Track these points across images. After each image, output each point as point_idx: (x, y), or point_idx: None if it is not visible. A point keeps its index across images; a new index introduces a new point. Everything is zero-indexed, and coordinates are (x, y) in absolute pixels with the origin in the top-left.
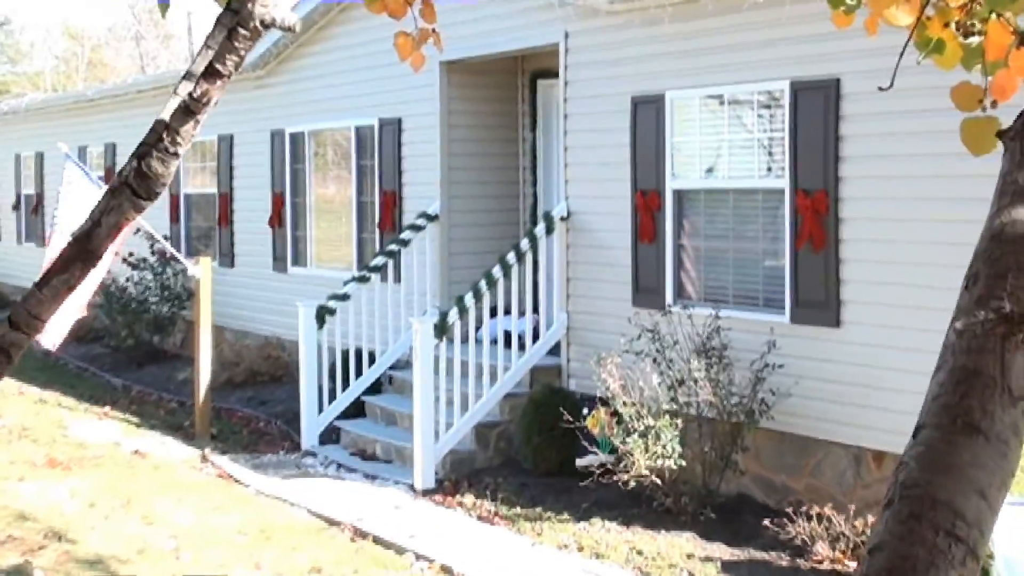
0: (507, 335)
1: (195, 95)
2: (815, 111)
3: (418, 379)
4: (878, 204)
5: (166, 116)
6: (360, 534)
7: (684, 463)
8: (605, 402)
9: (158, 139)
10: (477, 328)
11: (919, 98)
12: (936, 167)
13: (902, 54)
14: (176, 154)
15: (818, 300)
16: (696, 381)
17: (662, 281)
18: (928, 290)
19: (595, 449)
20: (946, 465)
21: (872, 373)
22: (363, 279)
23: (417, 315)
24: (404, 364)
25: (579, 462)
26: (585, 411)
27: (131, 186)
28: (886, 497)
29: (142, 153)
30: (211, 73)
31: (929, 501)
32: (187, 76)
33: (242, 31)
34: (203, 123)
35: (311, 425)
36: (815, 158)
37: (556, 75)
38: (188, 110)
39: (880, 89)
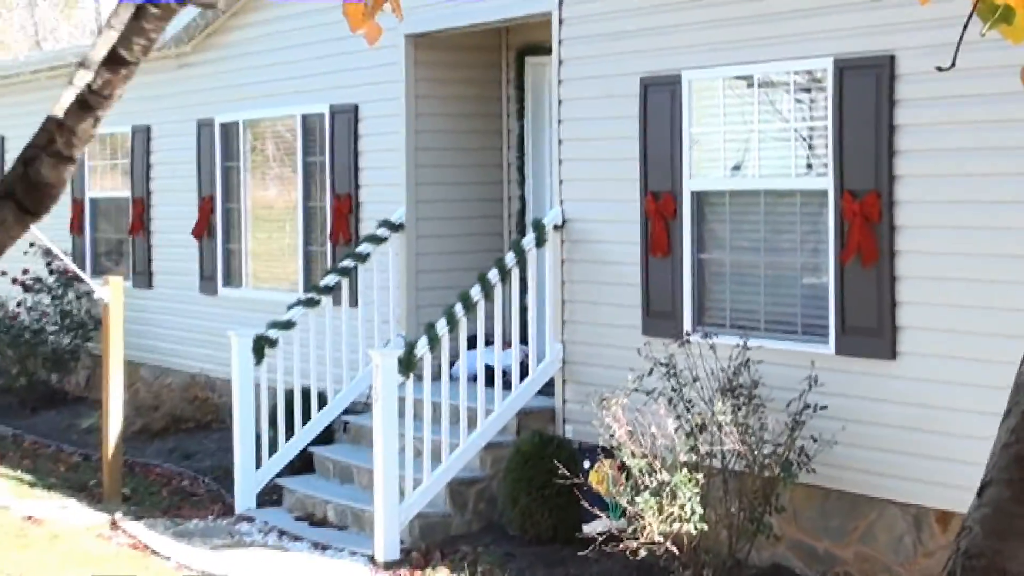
0: (489, 371)
1: (94, 87)
2: (865, 95)
3: (380, 425)
4: (943, 209)
5: (59, 112)
6: None
7: (706, 527)
8: (610, 453)
9: (49, 140)
10: (452, 363)
11: (992, 79)
12: (1016, 164)
13: (966, 25)
14: (71, 158)
15: (869, 327)
16: (720, 427)
17: (679, 304)
18: (1006, 314)
19: (600, 512)
20: (1018, 531)
21: (937, 416)
22: (311, 302)
23: (378, 346)
24: (362, 407)
25: (585, 528)
26: (586, 464)
27: (16, 198)
28: (945, 569)
29: (29, 157)
30: (114, 60)
31: (997, 574)
32: (84, 64)
33: (152, 10)
34: (104, 119)
35: (247, 483)
36: (865, 152)
37: (548, 51)
38: (86, 105)
39: (939, 69)
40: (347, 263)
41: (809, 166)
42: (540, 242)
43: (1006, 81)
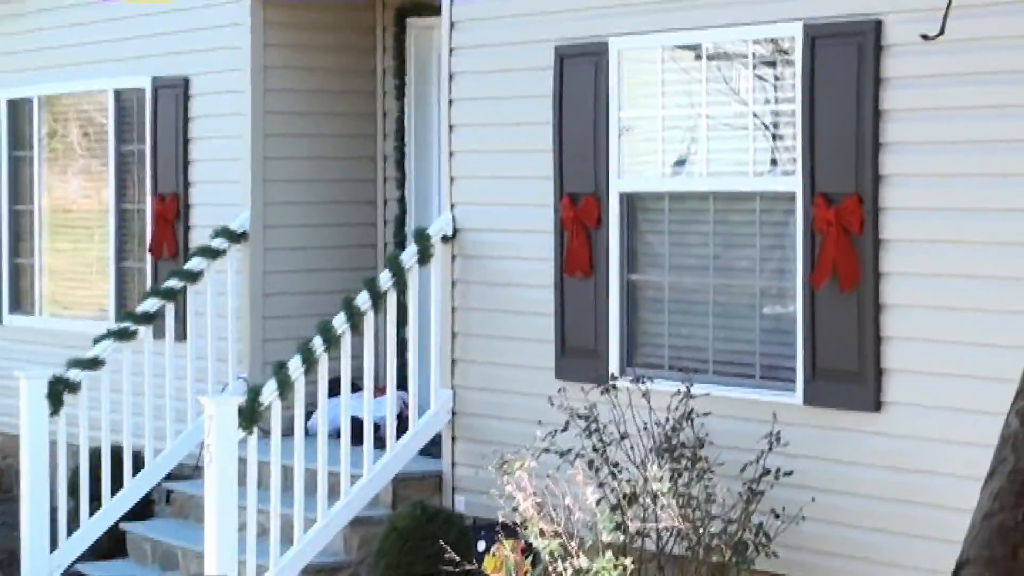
0: (357, 424)
1: None
2: (843, 70)
3: (213, 495)
4: (943, 219)
5: None
6: None
7: None
8: (512, 531)
9: None
10: (309, 414)
11: (1009, 52)
12: None
13: None
14: None
15: (847, 369)
16: (656, 497)
17: (603, 339)
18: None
19: None
20: None
21: (932, 484)
22: (125, 334)
23: (213, 392)
24: (191, 471)
25: None
26: (481, 546)
27: None
28: None
29: None
30: None
31: None
32: None
33: None
34: None
35: (38, 571)
36: (843, 145)
37: (436, 11)
38: None
39: (924, 38)
40: (173, 283)
41: (773, 162)
42: (424, 258)
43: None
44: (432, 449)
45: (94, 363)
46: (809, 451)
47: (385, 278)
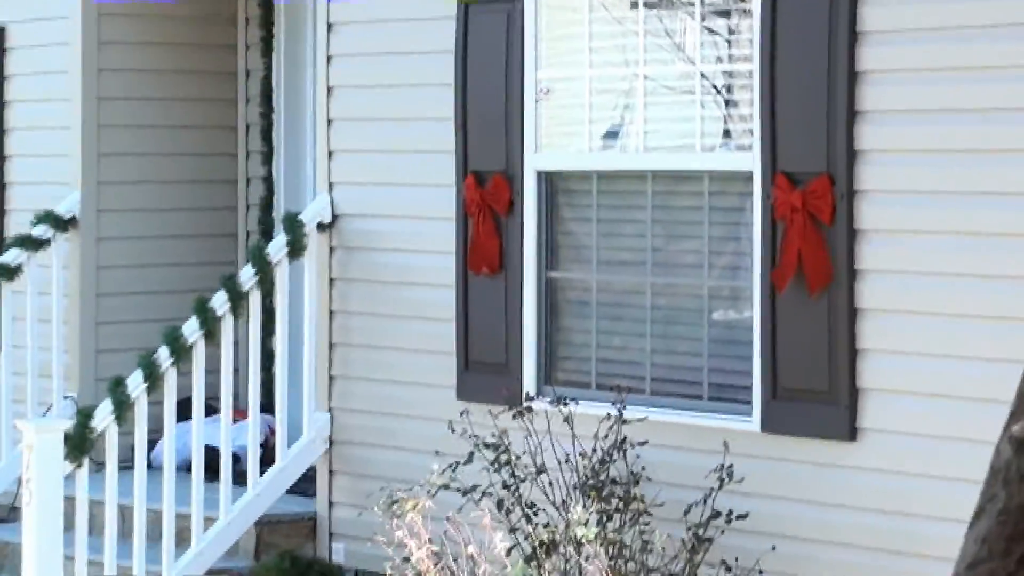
0: (211, 455)
1: None
2: (812, 22)
3: (33, 541)
4: (934, 204)
5: None
6: None
7: None
8: None
9: None
10: (153, 443)
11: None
12: None
13: None
14: None
15: (815, 389)
16: (580, 546)
17: (516, 350)
18: None
19: None
20: None
21: (919, 529)
22: None
23: (33, 414)
24: (6, 512)
25: None
26: None
27: None
28: None
29: None
30: None
31: None
32: None
33: None
34: None
35: None
36: (811, 113)
37: None
38: None
39: None
40: None
41: (725, 134)
42: (296, 250)
43: None
44: (305, 486)
45: None
46: (768, 489)
47: (247, 275)
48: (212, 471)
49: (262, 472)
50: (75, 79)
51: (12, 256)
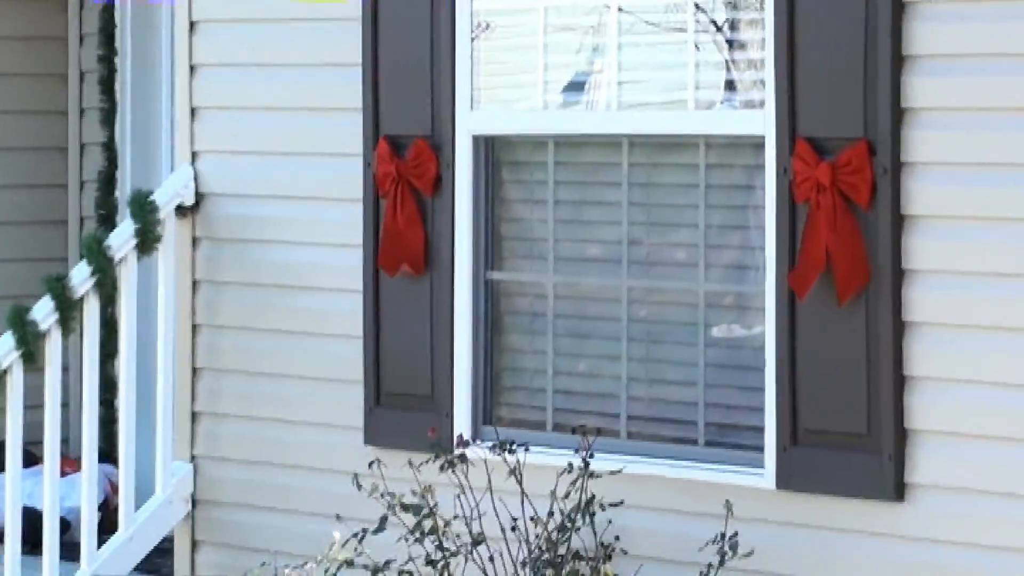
0: (32, 520)
1: None
2: None
3: None
4: (1007, 180)
5: None
6: None
7: None
8: None
9: None
10: None
11: None
12: None
13: None
14: None
15: (848, 430)
16: None
17: (444, 378)
18: None
19: None
20: None
21: None
22: None
23: None
24: None
25: None
26: None
27: None
28: None
29: None
30: None
31: None
32: None
33: None
34: None
35: None
36: (844, 60)
37: None
38: None
39: None
40: None
41: (728, 86)
42: (147, 242)
43: None
44: (159, 561)
45: None
46: (786, 565)
47: (81, 275)
48: (32, 542)
49: (101, 543)
50: None
51: None
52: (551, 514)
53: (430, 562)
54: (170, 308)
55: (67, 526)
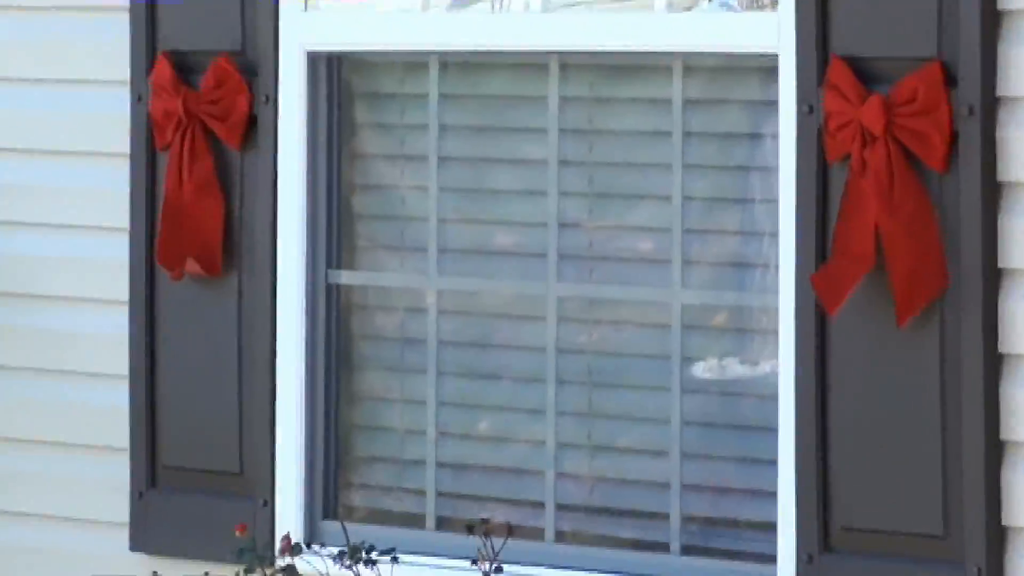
0: None
1: None
2: None
3: None
4: None
5: None
6: None
7: None
8: None
9: None
10: None
11: None
12: None
13: None
14: None
15: (911, 528)
16: None
17: (261, 443)
18: None
19: None
20: None
21: None
22: None
23: None
24: None
25: None
26: None
27: None
28: None
29: None
30: None
31: None
32: None
33: None
34: None
35: None
36: None
37: None
38: None
39: None
40: None
41: None
42: None
43: None
44: None
45: None
46: None
47: None
48: None
49: None
50: None
51: None
52: None
53: None
54: None
55: None
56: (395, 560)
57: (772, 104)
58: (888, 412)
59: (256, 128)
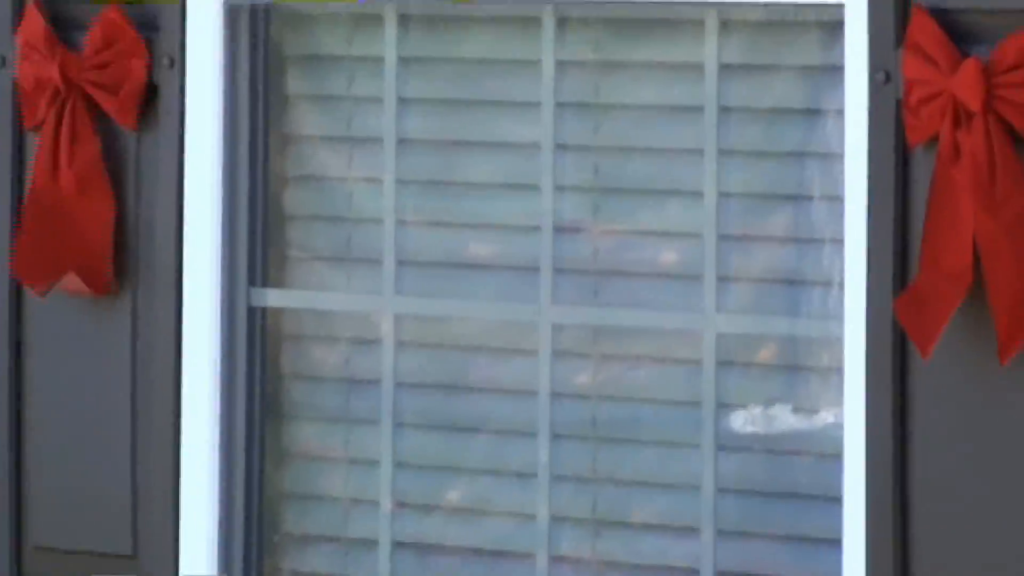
0: None
1: None
2: None
3: None
4: None
5: None
6: None
7: None
8: None
9: None
10: None
11: None
12: None
13: None
14: None
15: None
16: None
17: (161, 513)
18: None
19: None
20: None
21: None
22: None
23: None
24: None
25: None
26: None
27: None
28: None
29: None
30: None
31: None
32: None
33: None
34: None
35: None
36: None
37: None
38: None
39: None
40: None
41: None
42: None
43: None
44: None
45: None
46: None
47: None
48: None
49: None
50: None
51: None
52: None
53: None
54: None
55: None
56: None
57: (836, 71)
58: (981, 477)
59: (157, 101)
